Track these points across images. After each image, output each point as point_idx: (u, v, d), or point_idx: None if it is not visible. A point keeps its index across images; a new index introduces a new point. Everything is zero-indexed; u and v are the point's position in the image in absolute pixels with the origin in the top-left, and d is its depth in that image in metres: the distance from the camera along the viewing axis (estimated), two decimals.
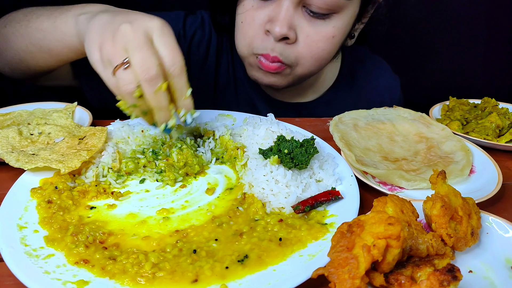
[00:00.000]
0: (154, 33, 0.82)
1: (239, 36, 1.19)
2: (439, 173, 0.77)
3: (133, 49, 0.79)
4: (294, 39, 1.11)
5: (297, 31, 1.10)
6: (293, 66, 1.17)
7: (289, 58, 1.14)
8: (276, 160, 0.88)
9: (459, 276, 0.55)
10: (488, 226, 0.77)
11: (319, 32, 1.11)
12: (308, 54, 1.14)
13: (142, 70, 0.79)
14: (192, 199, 0.88)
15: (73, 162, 0.88)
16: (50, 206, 0.81)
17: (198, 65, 1.38)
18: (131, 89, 0.81)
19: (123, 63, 0.79)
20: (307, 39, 1.11)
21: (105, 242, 0.74)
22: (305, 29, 1.10)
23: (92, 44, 0.84)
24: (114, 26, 0.81)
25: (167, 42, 0.83)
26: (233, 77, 1.41)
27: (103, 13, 0.88)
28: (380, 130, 1.15)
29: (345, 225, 0.65)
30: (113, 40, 0.81)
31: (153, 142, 1.03)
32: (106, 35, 0.82)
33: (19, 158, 0.87)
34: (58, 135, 0.99)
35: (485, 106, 1.31)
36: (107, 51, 0.81)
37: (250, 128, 1.04)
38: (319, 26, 1.11)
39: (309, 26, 1.10)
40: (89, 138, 0.96)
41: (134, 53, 0.79)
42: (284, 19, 1.07)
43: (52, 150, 0.92)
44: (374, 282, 0.60)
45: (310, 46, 1.13)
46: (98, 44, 0.82)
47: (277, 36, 1.09)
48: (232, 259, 0.71)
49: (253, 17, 1.13)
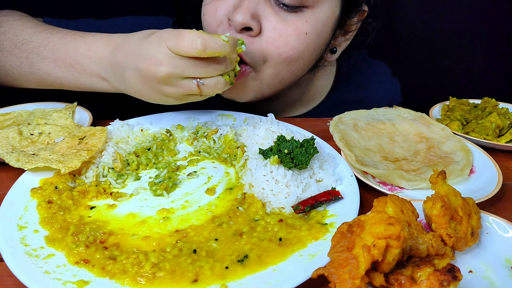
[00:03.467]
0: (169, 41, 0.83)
1: (204, 30, 1.08)
2: (439, 173, 0.77)
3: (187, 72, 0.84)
4: (257, 30, 0.98)
5: (263, 22, 0.98)
6: (257, 66, 1.02)
7: (252, 54, 1.00)
8: (276, 160, 0.88)
9: (459, 276, 0.55)
10: (488, 226, 0.77)
11: (288, 25, 0.98)
12: (275, 51, 1.00)
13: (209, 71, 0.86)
14: (192, 199, 0.88)
15: (73, 162, 0.88)
16: (51, 206, 0.81)
17: None
18: (223, 83, 0.88)
19: (197, 85, 0.87)
20: (274, 32, 0.98)
21: (106, 242, 0.74)
22: (272, 21, 0.98)
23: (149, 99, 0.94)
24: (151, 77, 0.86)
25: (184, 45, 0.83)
26: None
27: (122, 69, 0.90)
28: (380, 130, 1.15)
29: (345, 225, 0.65)
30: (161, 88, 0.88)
31: (153, 140, 1.03)
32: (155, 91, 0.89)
33: (19, 158, 0.87)
34: (58, 135, 0.99)
35: (485, 106, 1.31)
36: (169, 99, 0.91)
37: (250, 128, 1.04)
38: (289, 19, 0.99)
39: (277, 18, 0.98)
40: (89, 138, 0.96)
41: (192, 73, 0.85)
42: (248, 7, 0.96)
43: (52, 150, 0.92)
44: (374, 282, 0.60)
45: (277, 41, 0.99)
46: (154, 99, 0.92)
47: (237, 25, 0.96)
48: (232, 259, 0.71)
49: (215, 7, 1.02)
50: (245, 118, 1.15)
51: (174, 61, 0.83)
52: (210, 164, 1.00)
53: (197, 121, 1.14)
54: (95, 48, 0.96)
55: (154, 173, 0.95)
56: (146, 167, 0.96)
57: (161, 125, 1.11)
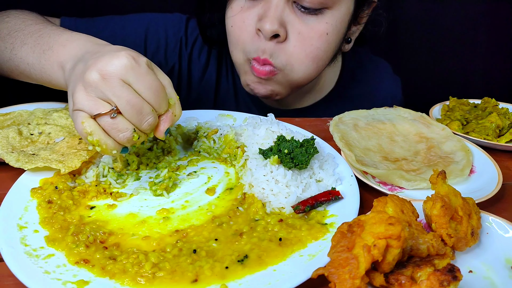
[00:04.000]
0: (129, 75, 0.76)
1: (232, 41, 1.16)
2: (439, 173, 0.77)
3: (116, 99, 0.74)
4: (284, 36, 1.07)
5: (288, 28, 1.07)
6: (285, 69, 1.12)
7: (279, 59, 1.10)
8: (276, 160, 0.88)
9: (459, 276, 0.55)
10: (488, 226, 0.77)
11: (311, 28, 1.07)
12: (302, 53, 1.10)
13: (142, 123, 0.77)
14: (192, 199, 0.88)
15: (73, 162, 0.88)
16: (51, 206, 0.81)
17: (199, 73, 1.35)
18: (129, 136, 0.77)
19: (110, 111, 0.75)
20: (299, 37, 1.07)
21: (106, 242, 0.74)
22: (296, 26, 1.06)
23: (69, 95, 0.80)
24: (84, 77, 0.76)
25: (143, 80, 0.77)
26: (232, 84, 1.38)
27: (80, 62, 0.82)
28: (380, 130, 1.15)
29: (345, 225, 0.65)
30: (86, 92, 0.76)
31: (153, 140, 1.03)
32: (79, 87, 0.77)
33: (19, 158, 0.87)
34: (58, 135, 0.99)
35: (485, 106, 1.31)
36: (81, 102, 0.76)
37: (250, 128, 1.04)
38: (312, 22, 1.07)
39: (301, 22, 1.06)
40: None
41: (120, 104, 0.75)
42: (274, 15, 1.03)
43: (52, 150, 0.92)
44: (374, 282, 0.60)
45: (304, 44, 1.08)
46: (72, 95, 0.78)
47: (268, 33, 1.05)
48: (232, 259, 0.71)
49: (243, 19, 1.09)
50: (245, 118, 1.15)
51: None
52: (210, 164, 1.00)
53: (197, 121, 1.14)
54: (75, 40, 0.91)
55: (154, 173, 0.95)
56: (146, 167, 0.96)
57: None
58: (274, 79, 1.14)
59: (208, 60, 1.35)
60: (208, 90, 1.38)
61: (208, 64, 1.35)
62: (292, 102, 1.39)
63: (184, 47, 1.32)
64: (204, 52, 1.34)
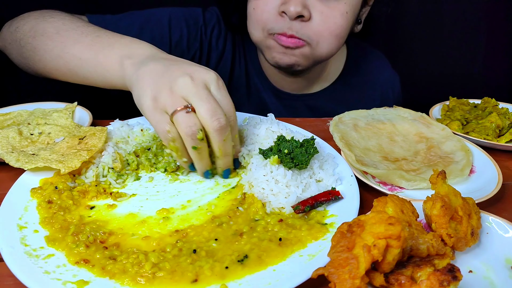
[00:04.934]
0: (212, 85, 0.85)
1: (252, 22, 1.23)
2: (439, 173, 0.77)
3: (198, 100, 0.82)
4: (308, 16, 1.15)
5: (311, 10, 1.16)
6: (312, 44, 1.20)
7: (306, 35, 1.18)
8: (276, 160, 0.88)
9: (459, 276, 0.55)
10: (488, 226, 0.77)
11: (333, 8, 1.17)
12: (327, 30, 1.18)
13: (213, 120, 0.81)
14: (192, 199, 0.88)
15: (73, 162, 0.88)
16: (51, 206, 0.81)
17: (216, 59, 1.42)
18: (194, 131, 0.82)
19: (185, 107, 0.81)
20: (322, 16, 1.16)
21: (106, 242, 0.74)
22: (318, 7, 1.16)
23: (144, 93, 0.84)
24: (171, 77, 0.83)
25: (224, 94, 0.86)
26: (244, 69, 1.45)
27: (153, 61, 0.89)
28: (380, 130, 1.15)
29: (345, 225, 0.65)
30: (171, 90, 0.82)
31: (153, 140, 1.03)
32: (162, 86, 0.83)
33: (19, 158, 0.87)
34: (58, 135, 0.99)
35: (485, 106, 1.31)
36: (164, 100, 0.82)
37: (250, 128, 1.04)
38: (332, 3, 1.16)
39: (322, 4, 1.16)
40: (89, 138, 0.96)
41: (199, 103, 0.81)
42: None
43: (52, 150, 0.92)
44: (374, 282, 0.60)
45: (327, 23, 1.17)
46: (153, 94, 0.83)
47: (293, 15, 1.13)
48: (232, 259, 0.71)
49: (266, 2, 1.18)
50: (245, 118, 1.15)
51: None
52: None
53: None
54: (138, 43, 0.98)
55: (154, 174, 0.95)
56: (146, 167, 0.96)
57: None
58: (300, 51, 1.21)
59: (224, 47, 1.42)
60: (223, 76, 1.43)
61: (224, 51, 1.42)
62: (302, 88, 1.47)
63: (204, 35, 1.39)
64: (221, 39, 1.41)
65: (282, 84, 1.45)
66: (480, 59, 2.22)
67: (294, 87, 1.45)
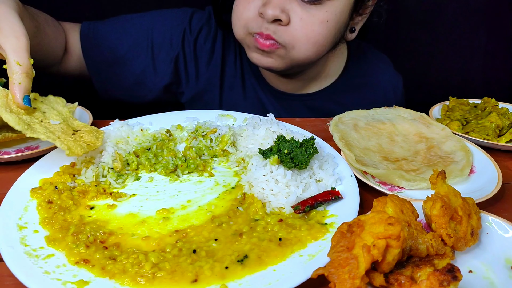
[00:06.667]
0: None
1: (235, 18, 1.24)
2: (439, 173, 0.77)
3: None
4: (286, 21, 1.15)
5: (290, 14, 1.15)
6: (287, 47, 1.19)
7: (282, 38, 1.17)
8: (276, 160, 0.88)
9: (459, 276, 0.55)
10: (488, 226, 0.77)
11: (312, 15, 1.16)
12: (304, 37, 1.18)
13: None
14: (192, 199, 0.88)
15: (76, 149, 0.86)
16: (51, 206, 0.81)
17: (205, 58, 1.44)
18: None
19: None
20: (301, 22, 1.16)
21: (106, 242, 0.74)
22: (298, 13, 1.15)
23: None
24: None
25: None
26: (240, 69, 1.46)
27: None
28: (380, 130, 1.15)
29: (345, 225, 0.65)
30: None
31: (153, 140, 1.03)
32: None
33: (19, 121, 0.82)
34: (53, 117, 0.95)
35: (485, 106, 1.31)
36: None
37: (250, 128, 1.04)
38: (312, 10, 1.16)
39: (302, 10, 1.15)
40: (84, 134, 0.94)
41: None
42: (277, 3, 1.12)
43: (48, 129, 0.88)
44: (374, 282, 0.60)
45: (305, 29, 1.17)
46: None
47: (269, 18, 1.13)
48: (232, 259, 0.71)
49: (248, 0, 1.19)
50: (245, 118, 1.15)
51: None
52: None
53: (196, 120, 1.14)
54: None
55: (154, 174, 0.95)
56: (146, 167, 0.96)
57: (161, 125, 1.11)
58: (276, 53, 1.21)
59: (213, 46, 1.43)
60: (214, 74, 1.47)
61: (214, 50, 1.44)
62: (299, 88, 1.47)
63: (189, 35, 1.41)
64: (209, 39, 1.43)
65: (278, 84, 1.45)
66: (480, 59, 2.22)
67: (289, 87, 1.45)
